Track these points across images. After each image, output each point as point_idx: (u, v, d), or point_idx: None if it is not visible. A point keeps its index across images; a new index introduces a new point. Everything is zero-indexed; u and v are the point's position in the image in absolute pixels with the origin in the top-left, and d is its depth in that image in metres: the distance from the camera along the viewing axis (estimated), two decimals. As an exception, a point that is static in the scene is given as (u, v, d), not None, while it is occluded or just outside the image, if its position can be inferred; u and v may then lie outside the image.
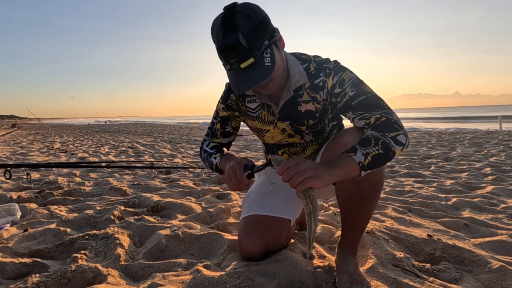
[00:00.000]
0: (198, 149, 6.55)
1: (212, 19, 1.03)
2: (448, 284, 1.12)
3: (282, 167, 0.92)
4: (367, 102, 1.04)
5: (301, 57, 1.18)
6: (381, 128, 0.98)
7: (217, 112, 1.36)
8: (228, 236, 1.49)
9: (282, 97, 1.18)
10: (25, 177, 3.01)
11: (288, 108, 1.20)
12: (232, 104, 1.31)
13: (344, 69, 1.12)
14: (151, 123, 32.20)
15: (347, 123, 1.22)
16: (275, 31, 1.04)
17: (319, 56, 1.18)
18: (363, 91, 1.06)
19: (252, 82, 0.99)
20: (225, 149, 1.34)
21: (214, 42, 1.00)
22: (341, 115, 1.26)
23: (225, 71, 1.06)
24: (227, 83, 1.31)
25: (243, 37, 0.94)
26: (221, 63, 1.04)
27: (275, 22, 1.07)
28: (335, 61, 1.15)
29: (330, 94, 1.13)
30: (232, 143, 1.45)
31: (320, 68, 1.14)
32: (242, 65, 0.97)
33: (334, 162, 0.93)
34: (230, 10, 0.98)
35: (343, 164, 0.92)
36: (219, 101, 1.34)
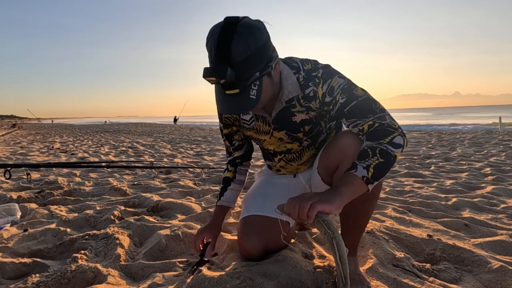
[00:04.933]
0: (198, 149, 6.55)
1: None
2: (448, 284, 1.12)
3: (287, 206, 0.90)
4: (358, 108, 1.02)
5: (292, 65, 1.13)
6: (375, 135, 0.97)
7: (221, 130, 1.37)
8: (228, 236, 1.49)
9: (274, 108, 1.15)
10: (25, 177, 3.01)
11: (282, 118, 1.17)
12: (227, 121, 1.29)
13: (332, 75, 1.08)
14: (152, 123, 32.27)
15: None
16: (271, 59, 0.97)
17: (307, 63, 1.13)
18: (354, 96, 1.03)
19: (232, 110, 0.97)
20: (229, 188, 1.40)
21: (207, 51, 0.95)
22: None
23: None
24: None
25: (231, 72, 0.89)
26: None
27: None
28: (324, 67, 1.11)
29: (322, 104, 1.11)
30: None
31: (309, 78, 1.10)
32: (227, 92, 0.94)
33: (337, 184, 0.92)
34: (230, 26, 0.91)
35: (346, 183, 0.90)
36: (219, 121, 1.34)
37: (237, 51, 0.89)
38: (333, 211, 0.87)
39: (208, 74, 0.91)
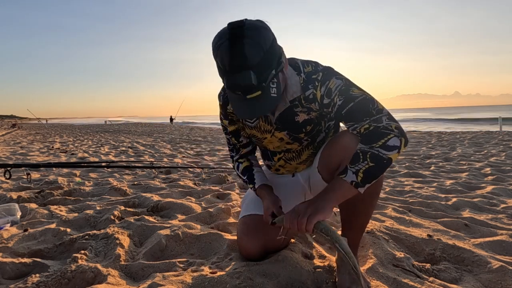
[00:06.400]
0: (198, 149, 6.54)
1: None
2: (448, 284, 1.12)
3: (286, 221, 0.99)
4: (355, 110, 1.02)
5: (294, 66, 1.14)
6: (368, 139, 0.97)
7: (225, 128, 1.34)
8: (228, 236, 1.49)
9: (278, 108, 1.16)
10: (25, 177, 3.01)
11: (285, 118, 1.18)
12: (233, 117, 1.29)
13: (330, 76, 1.08)
14: (151, 123, 32.29)
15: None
16: (281, 55, 0.98)
17: (308, 65, 1.13)
18: (351, 97, 1.03)
19: (256, 113, 0.97)
20: (254, 171, 1.33)
21: (217, 62, 0.94)
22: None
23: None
24: (220, 95, 1.27)
25: (254, 76, 0.90)
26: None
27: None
28: (324, 69, 1.11)
29: (321, 105, 1.12)
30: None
31: (309, 80, 1.11)
32: (248, 96, 0.95)
33: (327, 189, 0.97)
34: (237, 31, 0.90)
35: (335, 188, 0.96)
36: (221, 118, 1.32)
37: (251, 54, 0.89)
38: (326, 217, 0.95)
39: (232, 83, 0.92)
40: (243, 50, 0.89)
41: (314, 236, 0.98)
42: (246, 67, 0.90)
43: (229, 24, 0.92)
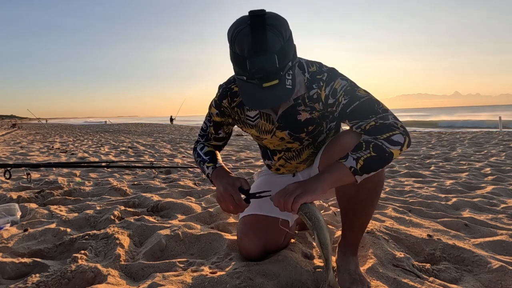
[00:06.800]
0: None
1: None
2: (448, 284, 1.12)
3: (274, 199, 0.97)
4: (361, 108, 1.02)
5: (300, 65, 1.14)
6: (373, 132, 0.98)
7: (210, 115, 1.32)
8: (228, 236, 1.49)
9: (281, 106, 1.15)
10: (25, 177, 3.01)
11: (287, 116, 1.17)
12: (225, 110, 1.27)
13: (336, 77, 1.09)
14: (151, 123, 32.29)
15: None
16: (295, 50, 0.99)
17: (313, 65, 1.14)
18: (356, 97, 1.04)
19: (270, 103, 0.95)
20: (218, 157, 1.32)
21: (234, 47, 0.94)
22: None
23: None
24: (220, 86, 1.26)
25: (277, 61, 0.89)
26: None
27: None
28: (329, 70, 1.11)
29: (325, 105, 1.12)
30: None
31: (313, 80, 1.11)
32: (265, 84, 0.93)
33: (323, 170, 0.95)
34: (259, 18, 0.90)
35: (331, 170, 0.94)
36: (212, 105, 1.29)
37: (274, 40, 0.90)
38: (315, 199, 0.92)
39: (255, 66, 0.89)
40: (266, 35, 0.89)
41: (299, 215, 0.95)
42: (270, 51, 0.89)
43: (250, 11, 0.92)
